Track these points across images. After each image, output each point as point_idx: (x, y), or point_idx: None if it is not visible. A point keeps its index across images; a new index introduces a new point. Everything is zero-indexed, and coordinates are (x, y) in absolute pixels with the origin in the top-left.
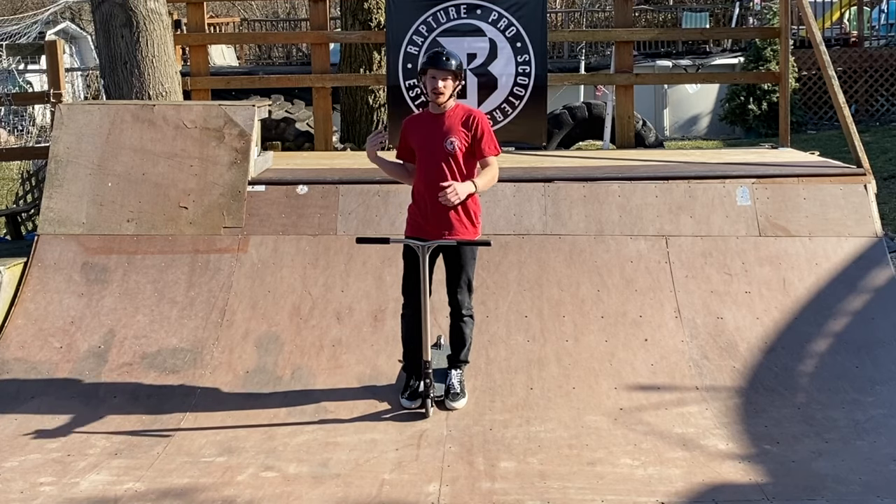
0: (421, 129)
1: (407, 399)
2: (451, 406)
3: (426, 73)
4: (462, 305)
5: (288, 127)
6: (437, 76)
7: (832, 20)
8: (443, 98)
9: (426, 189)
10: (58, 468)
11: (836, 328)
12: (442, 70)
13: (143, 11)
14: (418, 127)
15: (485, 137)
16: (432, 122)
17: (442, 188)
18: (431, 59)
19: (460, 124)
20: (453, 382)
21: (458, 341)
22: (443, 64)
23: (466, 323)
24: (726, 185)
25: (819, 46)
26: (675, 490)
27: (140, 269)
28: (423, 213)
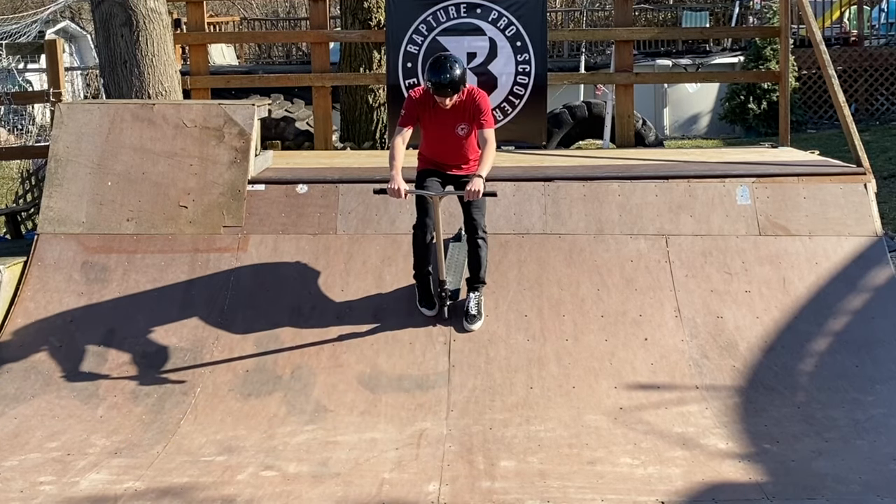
0: (430, 116)
1: (426, 307)
2: (468, 328)
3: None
4: (478, 226)
5: (288, 126)
6: (442, 97)
7: (832, 19)
8: (449, 104)
9: (439, 150)
10: (58, 467)
11: (836, 327)
12: (444, 96)
13: (143, 11)
14: (426, 113)
15: (484, 113)
16: (439, 111)
17: (468, 193)
18: (435, 87)
19: (465, 109)
20: (471, 305)
21: (474, 262)
22: (447, 93)
23: (481, 245)
24: (726, 185)
25: (819, 45)
26: (674, 489)
27: (140, 269)
28: (438, 160)
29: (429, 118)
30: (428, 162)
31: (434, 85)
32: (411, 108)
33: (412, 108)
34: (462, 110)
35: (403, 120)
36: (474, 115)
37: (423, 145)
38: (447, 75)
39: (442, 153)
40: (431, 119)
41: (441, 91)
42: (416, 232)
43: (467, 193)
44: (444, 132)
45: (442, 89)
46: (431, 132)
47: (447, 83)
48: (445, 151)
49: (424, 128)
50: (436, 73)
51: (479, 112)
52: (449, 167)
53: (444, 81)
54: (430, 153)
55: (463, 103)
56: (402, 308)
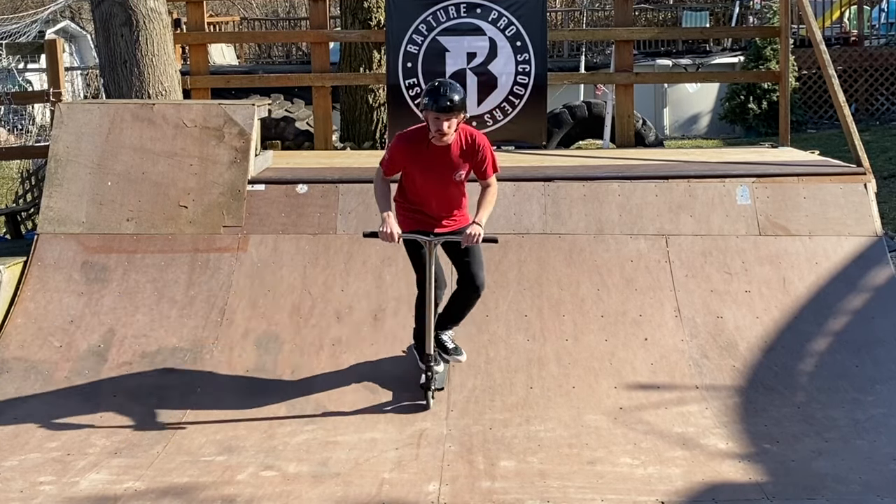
0: (422, 159)
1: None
2: (457, 360)
3: (427, 111)
4: (477, 282)
5: (288, 126)
6: (441, 118)
7: (832, 19)
8: (447, 139)
9: (428, 199)
10: (57, 467)
11: (836, 327)
12: (445, 112)
13: (143, 10)
14: (418, 157)
15: (487, 161)
16: (435, 155)
17: (470, 237)
18: (433, 101)
19: (464, 153)
20: (445, 337)
21: (458, 308)
22: (446, 107)
23: (473, 298)
24: (726, 185)
25: (819, 45)
26: (674, 489)
27: (140, 269)
28: (424, 211)
29: (421, 161)
30: (409, 215)
31: (432, 99)
32: (400, 151)
33: (401, 151)
34: (462, 154)
35: (388, 165)
36: (477, 162)
37: (405, 194)
38: (447, 93)
39: (431, 203)
40: (425, 162)
41: (440, 104)
42: (419, 293)
43: (465, 238)
44: (437, 178)
45: (441, 100)
46: (422, 178)
47: (447, 96)
48: (435, 201)
49: (412, 174)
50: (437, 91)
51: (482, 160)
52: (436, 221)
53: (443, 92)
54: (415, 202)
55: (465, 146)
56: (401, 308)
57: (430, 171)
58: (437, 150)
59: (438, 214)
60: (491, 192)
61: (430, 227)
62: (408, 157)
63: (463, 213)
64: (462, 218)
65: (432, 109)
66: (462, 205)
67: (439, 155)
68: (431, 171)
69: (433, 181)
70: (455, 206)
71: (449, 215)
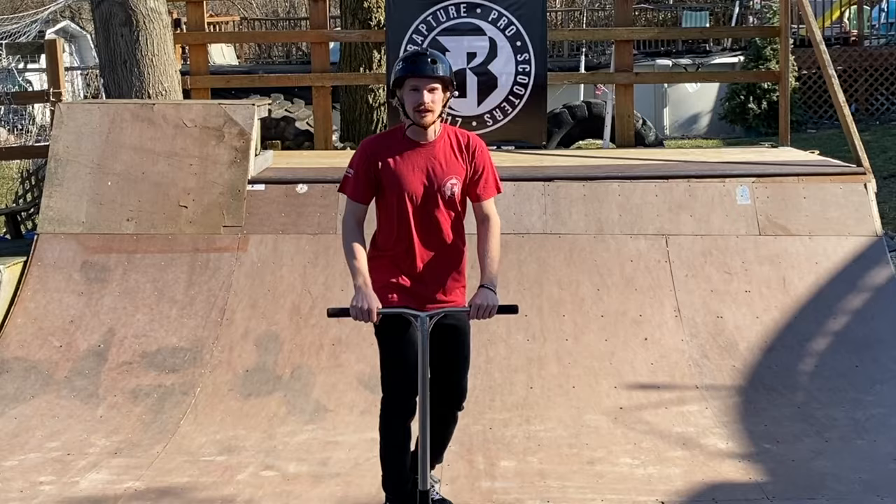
0: (400, 164)
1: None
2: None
3: (404, 83)
4: (462, 394)
5: (288, 126)
6: (421, 86)
7: (832, 19)
8: (430, 117)
9: (415, 242)
10: (57, 467)
11: (836, 327)
12: (427, 78)
13: (143, 10)
14: (394, 160)
15: (486, 173)
16: (416, 154)
17: (481, 310)
18: (411, 64)
19: (455, 155)
20: (432, 493)
21: (439, 439)
22: (427, 69)
23: (451, 420)
24: (726, 184)
25: (819, 45)
26: (674, 489)
27: (140, 268)
28: (409, 272)
29: (399, 166)
30: (387, 279)
31: (411, 62)
32: (368, 157)
33: (370, 156)
34: (453, 154)
35: (355, 183)
36: (472, 170)
37: (378, 241)
38: (429, 55)
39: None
40: (403, 166)
41: (421, 66)
42: (390, 416)
43: (476, 310)
44: (422, 189)
45: (421, 62)
46: (400, 196)
47: (429, 56)
48: (423, 243)
49: (388, 194)
50: (415, 55)
51: (480, 168)
52: (425, 287)
53: (424, 53)
54: (395, 251)
55: (455, 144)
56: None
57: (410, 178)
58: (419, 148)
59: (430, 274)
60: (493, 230)
61: (419, 298)
62: (380, 162)
63: (460, 277)
64: (459, 285)
65: (410, 74)
66: (460, 261)
67: (422, 152)
68: (412, 178)
69: (417, 201)
70: (449, 257)
71: (441, 276)
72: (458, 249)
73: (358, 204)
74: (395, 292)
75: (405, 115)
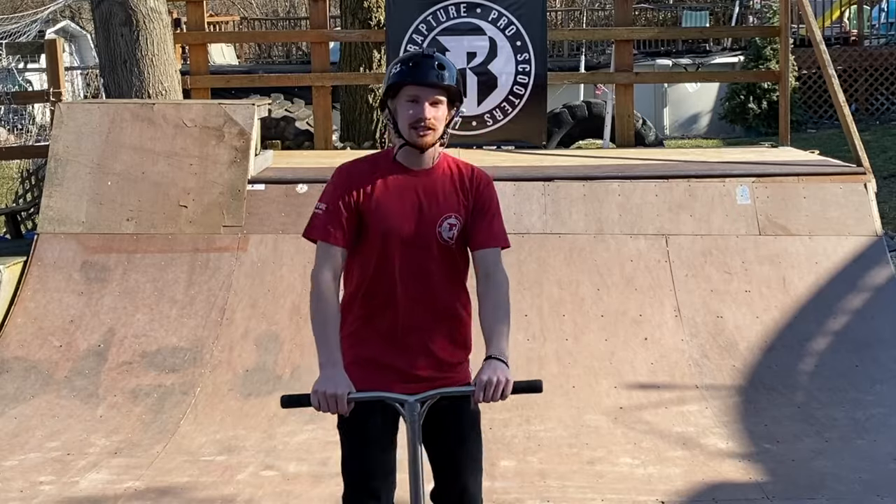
0: (387, 195)
1: None
2: None
3: (400, 91)
4: (468, 492)
5: (288, 126)
6: (422, 97)
7: (832, 19)
8: (431, 137)
9: (395, 301)
10: (57, 467)
11: (836, 327)
12: (430, 87)
13: (143, 10)
14: (379, 191)
15: (492, 216)
16: (407, 184)
17: (490, 389)
18: (412, 67)
19: (455, 189)
20: None
21: None
22: (432, 75)
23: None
24: (726, 184)
25: (819, 45)
26: (674, 489)
27: (140, 268)
28: (391, 339)
29: (385, 200)
30: (374, 361)
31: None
32: (342, 190)
33: (344, 190)
34: (454, 187)
35: (326, 226)
36: (477, 210)
37: (355, 303)
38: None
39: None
40: (390, 204)
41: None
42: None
43: (484, 389)
44: (414, 228)
45: (426, 67)
46: (389, 241)
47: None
48: (411, 285)
49: (369, 237)
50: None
51: (485, 209)
52: (411, 360)
53: (430, 56)
54: (376, 303)
55: (457, 177)
56: None
57: (399, 215)
58: (412, 176)
59: (418, 343)
60: (499, 290)
61: (404, 376)
62: (360, 193)
63: (462, 347)
64: (460, 358)
65: (409, 81)
66: (461, 326)
67: (415, 182)
68: (402, 214)
69: (406, 245)
70: (446, 320)
71: (436, 345)
72: (455, 310)
73: (333, 248)
74: (372, 369)
75: (397, 133)
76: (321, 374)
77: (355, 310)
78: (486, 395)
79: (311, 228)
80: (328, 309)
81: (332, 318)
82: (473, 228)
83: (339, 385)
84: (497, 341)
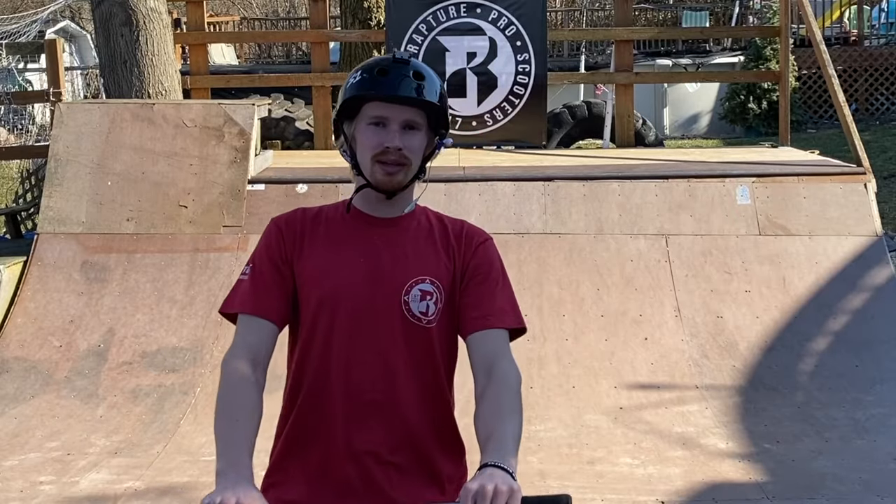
0: (329, 252)
1: None
2: None
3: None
4: None
5: (288, 126)
6: (393, 119)
7: (832, 19)
8: (401, 176)
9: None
10: (57, 467)
11: (836, 327)
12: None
13: (143, 10)
14: (321, 246)
15: (496, 284)
16: (365, 238)
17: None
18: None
19: (435, 245)
20: None
21: None
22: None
23: None
24: (726, 184)
25: (819, 45)
26: (674, 489)
27: (140, 268)
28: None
29: (327, 266)
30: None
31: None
32: (275, 248)
33: (278, 248)
34: (435, 244)
35: (250, 295)
36: (470, 270)
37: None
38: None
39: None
40: (332, 266)
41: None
42: None
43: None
44: (369, 297)
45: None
46: (340, 315)
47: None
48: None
49: (313, 310)
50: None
51: (483, 270)
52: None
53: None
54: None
55: (439, 232)
56: None
57: (343, 277)
58: (369, 227)
59: (371, 455)
60: (507, 381)
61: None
62: (300, 253)
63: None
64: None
65: (374, 95)
66: (442, 430)
67: (376, 236)
68: (348, 277)
69: (354, 320)
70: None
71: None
72: (429, 413)
73: (258, 323)
74: (299, 485)
75: (355, 170)
76: (218, 486)
77: (284, 424)
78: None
79: (231, 299)
80: (238, 401)
81: (245, 413)
82: (466, 303)
83: (244, 498)
84: (498, 445)
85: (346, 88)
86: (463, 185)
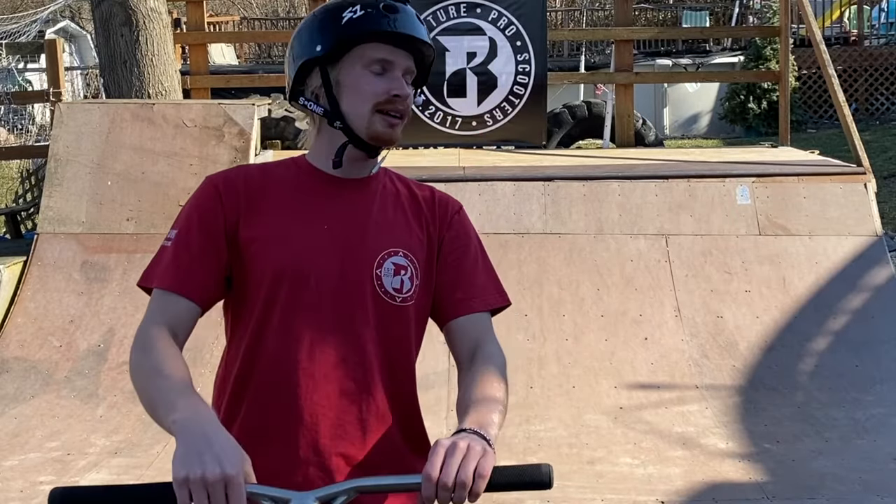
0: (285, 217)
1: None
2: None
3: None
4: None
5: (287, 126)
6: (399, 64)
7: (832, 19)
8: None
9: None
10: (57, 467)
11: (836, 327)
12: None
13: (143, 10)
14: (273, 210)
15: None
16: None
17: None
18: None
19: (404, 213)
20: None
21: None
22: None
23: None
24: (726, 184)
25: (819, 45)
26: (674, 489)
27: (140, 268)
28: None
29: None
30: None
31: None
32: (209, 212)
33: (213, 211)
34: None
35: (173, 266)
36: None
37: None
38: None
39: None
40: (285, 233)
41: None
42: None
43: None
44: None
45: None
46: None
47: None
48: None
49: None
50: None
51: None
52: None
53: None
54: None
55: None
56: None
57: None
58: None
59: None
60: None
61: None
62: (242, 216)
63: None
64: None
65: (386, 29)
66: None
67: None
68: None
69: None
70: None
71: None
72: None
73: (178, 302)
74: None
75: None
76: (182, 441)
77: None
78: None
79: (151, 271)
80: (169, 361)
81: (173, 364)
82: (444, 281)
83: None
84: (478, 416)
85: (335, 25)
86: (463, 185)
